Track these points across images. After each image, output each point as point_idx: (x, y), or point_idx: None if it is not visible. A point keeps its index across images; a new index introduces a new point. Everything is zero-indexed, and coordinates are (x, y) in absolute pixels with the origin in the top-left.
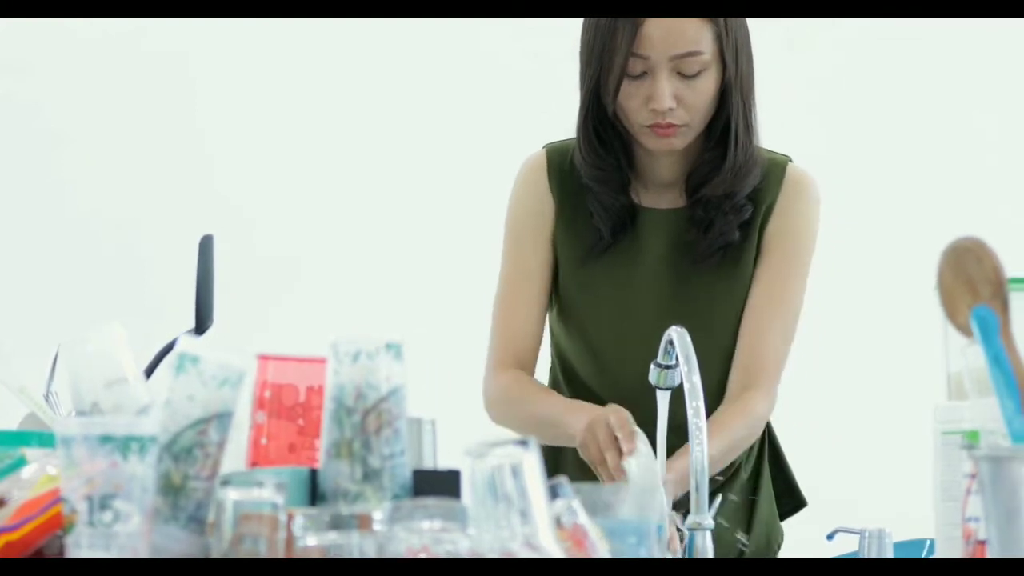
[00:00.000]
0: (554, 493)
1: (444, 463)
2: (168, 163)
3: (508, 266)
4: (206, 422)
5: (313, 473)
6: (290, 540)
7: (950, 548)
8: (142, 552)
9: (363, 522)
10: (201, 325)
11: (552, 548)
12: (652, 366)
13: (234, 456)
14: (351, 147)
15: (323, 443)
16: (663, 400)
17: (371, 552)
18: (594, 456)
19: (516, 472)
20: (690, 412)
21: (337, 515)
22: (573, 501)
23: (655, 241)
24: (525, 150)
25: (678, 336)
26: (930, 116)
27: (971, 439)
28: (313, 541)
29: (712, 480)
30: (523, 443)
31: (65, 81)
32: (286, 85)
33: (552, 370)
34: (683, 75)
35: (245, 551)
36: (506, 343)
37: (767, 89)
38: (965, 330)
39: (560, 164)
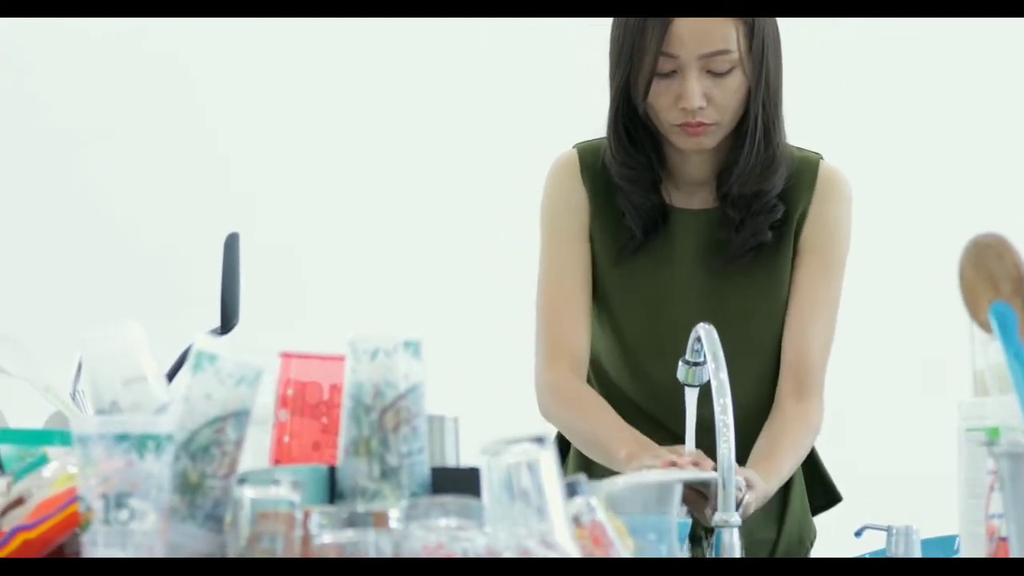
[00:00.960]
0: (572, 491)
1: (468, 461)
2: (193, 162)
3: (552, 261)
4: (223, 420)
5: (332, 471)
6: (307, 538)
7: (974, 545)
8: (158, 550)
9: (379, 520)
10: (227, 323)
11: (568, 546)
12: (680, 363)
13: (259, 454)
14: (375, 146)
15: (341, 441)
16: (691, 397)
17: (387, 550)
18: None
19: (532, 470)
20: (717, 409)
21: (353, 513)
22: (591, 499)
23: (687, 241)
24: (545, 148)
25: (706, 333)
26: (949, 112)
27: (992, 436)
28: (329, 539)
29: None
30: (539, 440)
31: (86, 81)
32: (309, 84)
33: (596, 385)
34: (713, 73)
35: (262, 549)
36: (559, 337)
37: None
38: (986, 326)
39: (592, 163)
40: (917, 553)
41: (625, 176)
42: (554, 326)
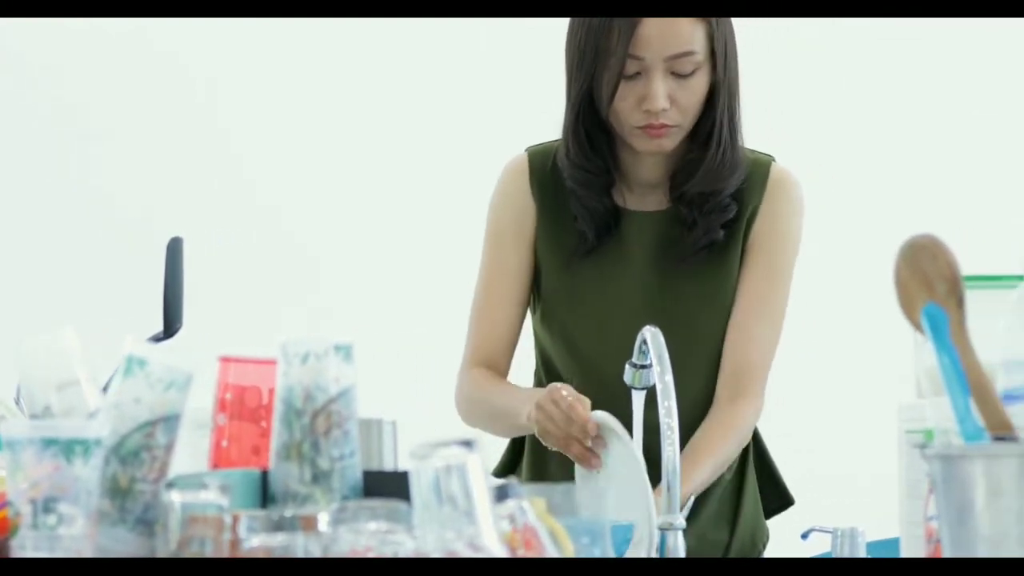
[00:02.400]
0: (504, 494)
1: (407, 465)
2: (193, 161)
3: (488, 267)
4: (153, 425)
5: (265, 475)
6: (235, 542)
7: (914, 547)
8: (87, 555)
9: (307, 524)
10: (169, 327)
11: (496, 549)
12: (627, 366)
13: (199, 458)
14: (369, 147)
15: (272, 445)
16: (638, 400)
17: (316, 553)
18: (557, 436)
19: (460, 473)
20: (662, 412)
21: (282, 517)
22: (523, 501)
23: (640, 243)
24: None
25: (651, 335)
26: (894, 114)
27: (927, 438)
28: (258, 543)
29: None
30: (467, 444)
31: (85, 81)
32: (308, 84)
33: (536, 374)
34: (677, 75)
35: (192, 553)
36: (480, 342)
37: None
38: (921, 328)
39: (542, 167)
40: (862, 555)
41: (579, 179)
42: (478, 333)
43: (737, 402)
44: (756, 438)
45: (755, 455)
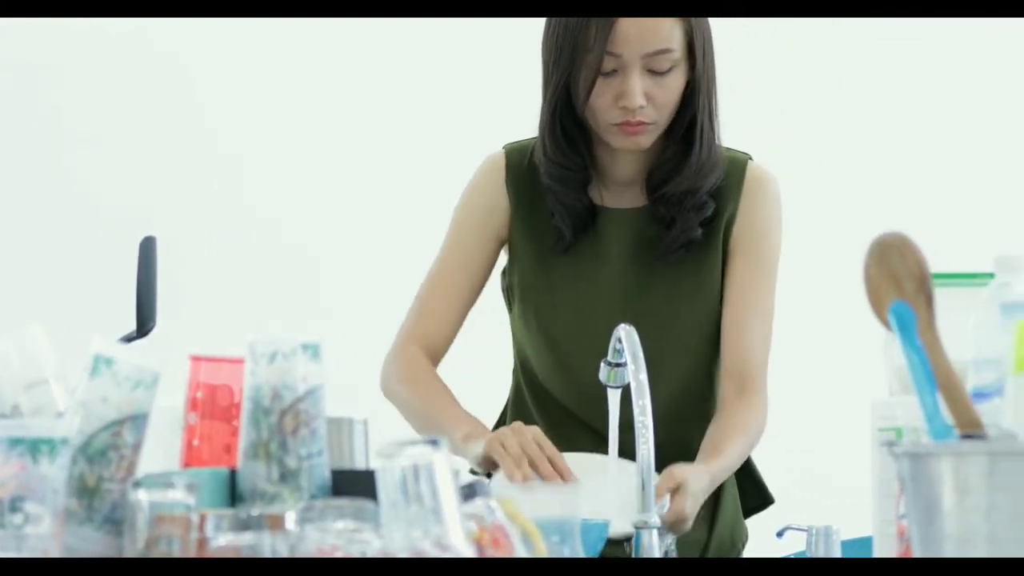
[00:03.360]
0: (473, 492)
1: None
2: (192, 162)
3: (445, 253)
4: (120, 424)
5: (233, 474)
6: (203, 541)
7: (886, 545)
8: (54, 554)
9: (274, 522)
10: (142, 327)
11: (463, 548)
12: (602, 364)
13: (172, 457)
14: (350, 148)
15: (240, 444)
16: (614, 398)
17: (283, 552)
18: (512, 472)
19: (427, 472)
20: (636, 410)
21: (249, 516)
22: (492, 500)
23: (617, 240)
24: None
25: (626, 334)
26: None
27: (898, 436)
28: (224, 541)
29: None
30: (434, 443)
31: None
32: (277, 83)
33: (515, 373)
34: (654, 72)
35: (160, 552)
36: (423, 323)
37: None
38: (890, 326)
39: (519, 164)
40: (837, 554)
41: (557, 176)
42: (422, 313)
43: (746, 398)
44: None
45: None
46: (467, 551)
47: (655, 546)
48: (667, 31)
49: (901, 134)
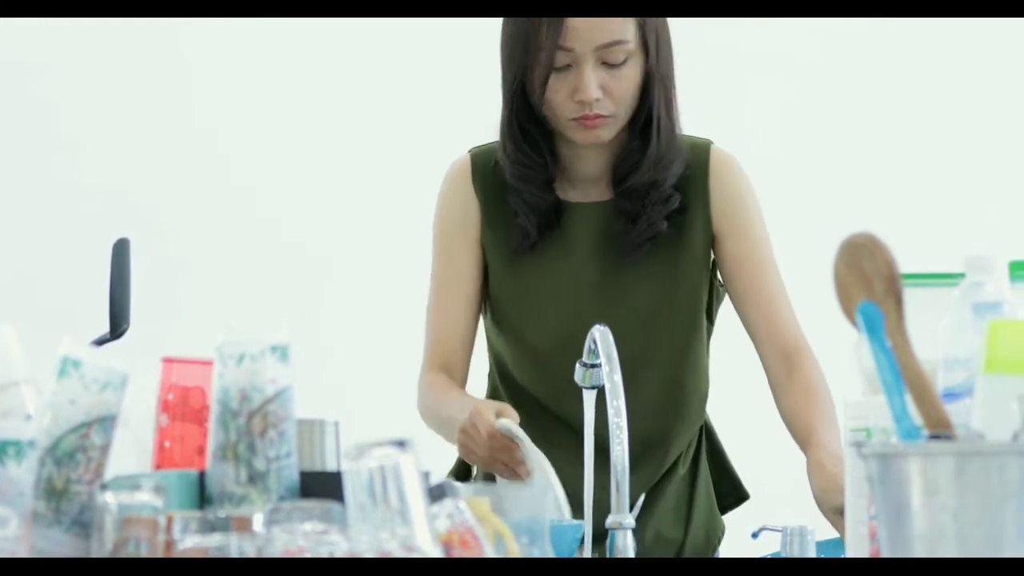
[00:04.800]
0: (441, 493)
1: None
2: (191, 161)
3: (438, 270)
4: (88, 426)
5: (202, 476)
6: (170, 543)
7: (858, 545)
8: (21, 556)
9: (241, 524)
10: (116, 328)
11: (429, 549)
12: (577, 365)
13: (145, 459)
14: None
15: (209, 445)
16: (589, 399)
17: (250, 554)
18: (482, 458)
19: (394, 473)
20: (611, 411)
21: (216, 517)
22: (460, 501)
23: (583, 236)
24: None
25: (600, 335)
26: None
27: (868, 436)
28: (191, 543)
29: (650, 475)
30: (400, 444)
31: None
32: (270, 81)
33: (490, 375)
34: (608, 65)
35: (128, 554)
36: (436, 346)
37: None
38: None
39: (484, 166)
40: (811, 554)
41: (519, 175)
42: (435, 339)
43: (796, 368)
44: (710, 432)
45: (708, 450)
46: (434, 552)
47: (629, 547)
48: (619, 23)
49: (871, 135)
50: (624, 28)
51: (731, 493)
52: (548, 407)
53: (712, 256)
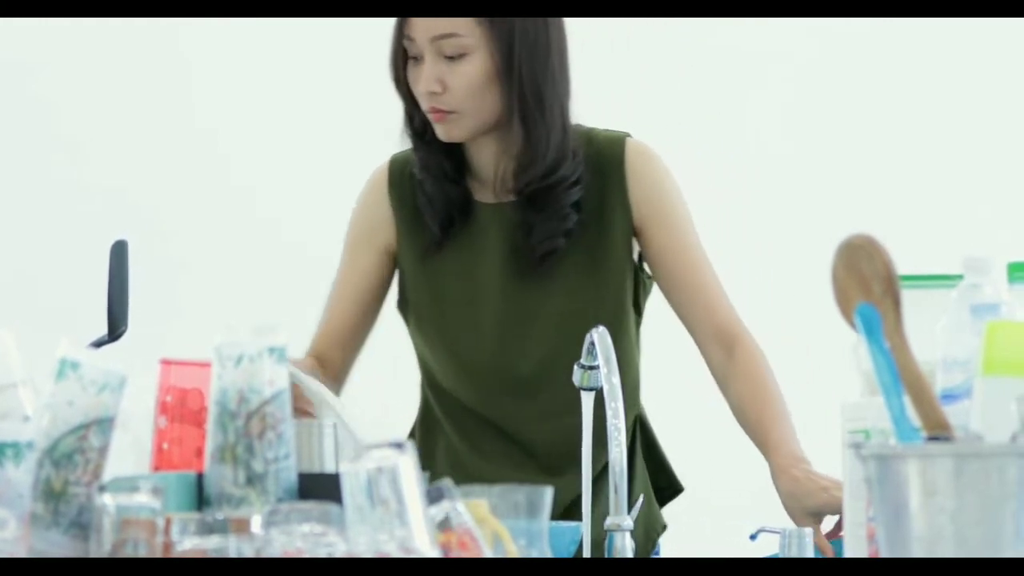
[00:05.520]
0: (440, 494)
1: None
2: (190, 161)
3: (339, 270)
4: (86, 427)
5: (200, 478)
6: (168, 544)
7: (857, 547)
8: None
9: (239, 526)
10: (114, 331)
11: (427, 551)
12: (576, 367)
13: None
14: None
15: (207, 447)
16: (587, 401)
17: (249, 556)
18: None
19: (392, 475)
20: (609, 413)
21: (214, 519)
22: (458, 503)
23: (493, 234)
24: None
25: (599, 336)
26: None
27: (867, 437)
28: (189, 545)
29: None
30: (399, 446)
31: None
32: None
33: (422, 387)
34: (448, 58)
35: (126, 555)
36: (316, 338)
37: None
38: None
39: (401, 172)
40: (809, 555)
41: (421, 169)
42: (320, 327)
43: (737, 356)
44: (644, 426)
45: (643, 444)
46: (432, 554)
47: (627, 548)
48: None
49: (869, 136)
50: (457, 21)
51: (667, 486)
52: (475, 410)
53: (637, 248)
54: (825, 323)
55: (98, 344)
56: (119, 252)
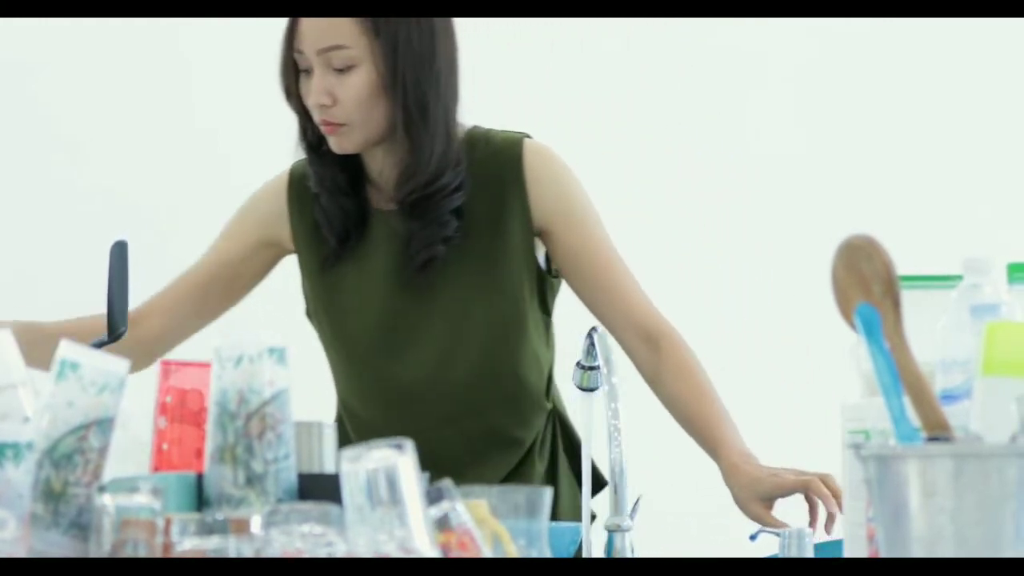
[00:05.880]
0: (439, 495)
1: None
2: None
3: (205, 254)
4: (86, 428)
5: (200, 478)
6: (168, 545)
7: (857, 548)
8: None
9: (239, 526)
10: (113, 331)
11: (427, 551)
12: (575, 367)
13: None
14: None
15: (207, 448)
16: (587, 402)
17: (249, 556)
18: None
19: (391, 476)
20: (609, 414)
21: (214, 520)
22: (458, 503)
23: (381, 245)
24: None
25: (599, 337)
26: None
27: (866, 438)
28: (189, 545)
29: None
30: (399, 446)
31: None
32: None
33: (337, 405)
34: (336, 70)
35: (126, 556)
36: (150, 300)
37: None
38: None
39: (300, 184)
40: (809, 556)
41: (317, 181)
42: (148, 302)
43: (663, 351)
44: (565, 425)
45: (564, 442)
46: (431, 555)
47: (627, 549)
48: (339, 28)
49: (869, 136)
50: (343, 33)
51: (591, 481)
52: (372, 423)
53: (543, 250)
54: (825, 323)
55: (98, 345)
56: (119, 252)
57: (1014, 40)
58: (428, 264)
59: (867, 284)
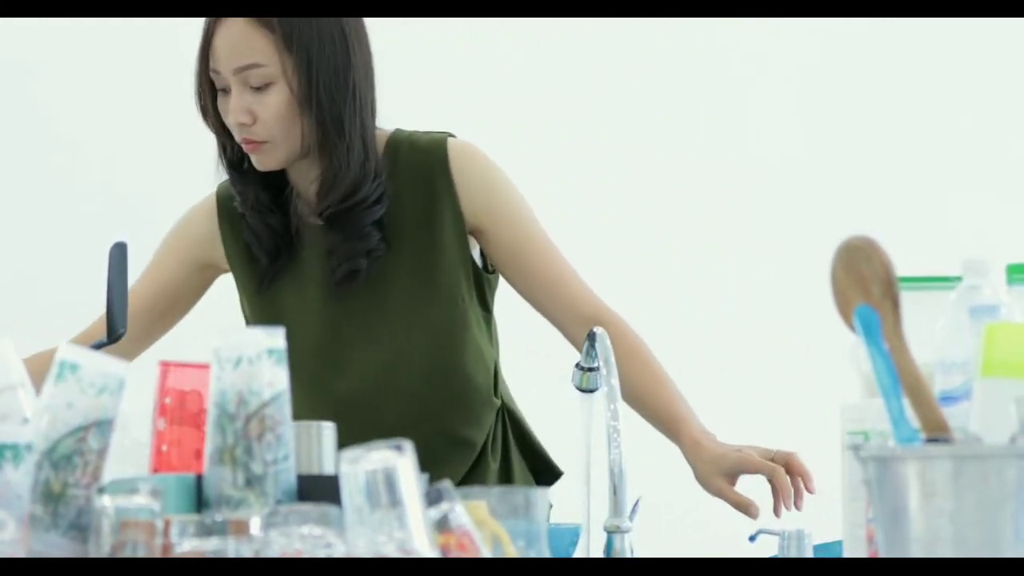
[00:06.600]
0: (438, 496)
1: None
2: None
3: (139, 278)
4: (85, 429)
5: (199, 480)
6: (167, 546)
7: (856, 548)
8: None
9: (238, 528)
10: (112, 333)
11: (427, 553)
12: (574, 368)
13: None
14: None
15: (206, 449)
16: (587, 403)
17: (248, 557)
18: None
19: (391, 477)
20: (608, 415)
21: (213, 521)
22: (457, 504)
23: (311, 259)
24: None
25: (598, 338)
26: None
27: (866, 439)
28: (189, 547)
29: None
30: (398, 448)
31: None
32: None
33: None
34: (254, 89)
35: (125, 557)
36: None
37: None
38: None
39: (228, 205)
40: (809, 556)
41: (241, 201)
42: (88, 330)
43: (611, 333)
44: (514, 420)
45: (515, 435)
46: (431, 555)
47: (627, 549)
48: (251, 45)
49: (869, 137)
50: (256, 51)
51: (545, 470)
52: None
53: (477, 247)
54: (825, 324)
55: (98, 346)
56: (119, 254)
57: (1014, 40)
58: (351, 277)
59: (866, 285)
